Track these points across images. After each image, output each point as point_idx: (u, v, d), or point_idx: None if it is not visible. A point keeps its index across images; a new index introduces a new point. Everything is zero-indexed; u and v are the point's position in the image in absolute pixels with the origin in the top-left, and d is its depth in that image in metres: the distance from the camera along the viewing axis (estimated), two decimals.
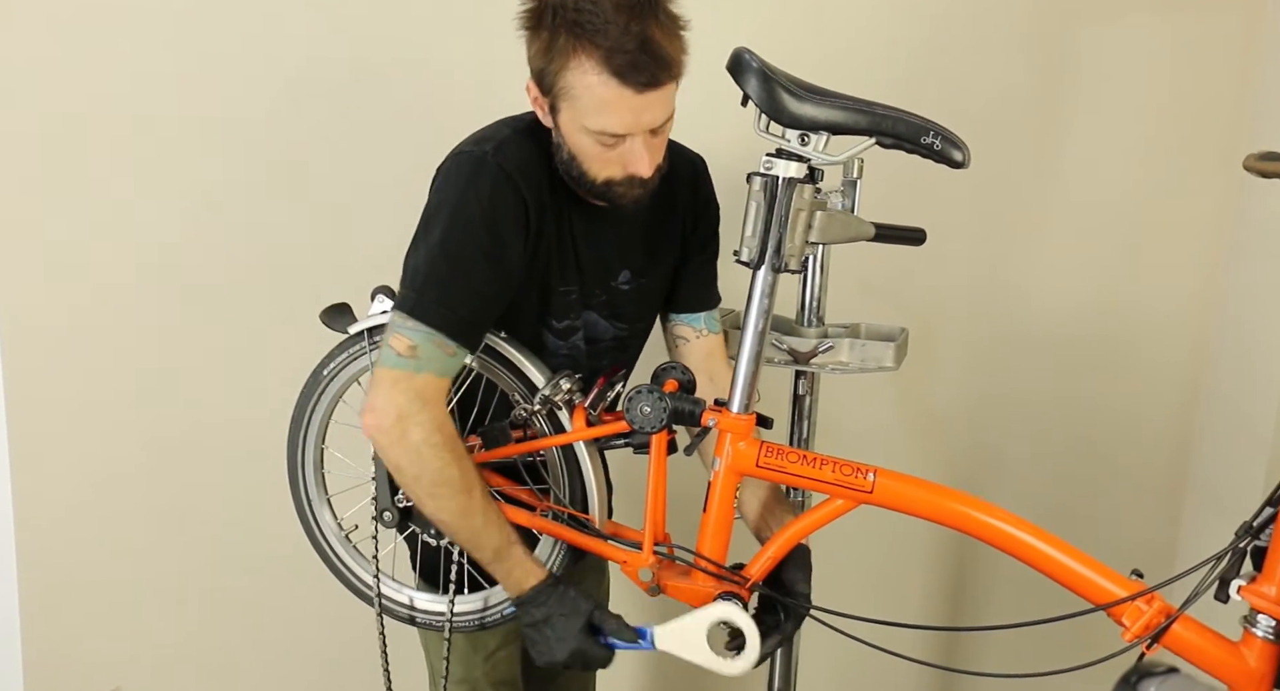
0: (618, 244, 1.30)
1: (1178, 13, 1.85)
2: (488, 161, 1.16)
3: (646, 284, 1.34)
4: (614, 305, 1.32)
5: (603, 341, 1.33)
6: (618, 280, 1.32)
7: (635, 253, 1.32)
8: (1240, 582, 1.00)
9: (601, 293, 1.31)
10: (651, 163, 1.17)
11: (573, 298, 1.28)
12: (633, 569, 1.17)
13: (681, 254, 1.37)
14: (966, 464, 2.06)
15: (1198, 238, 1.94)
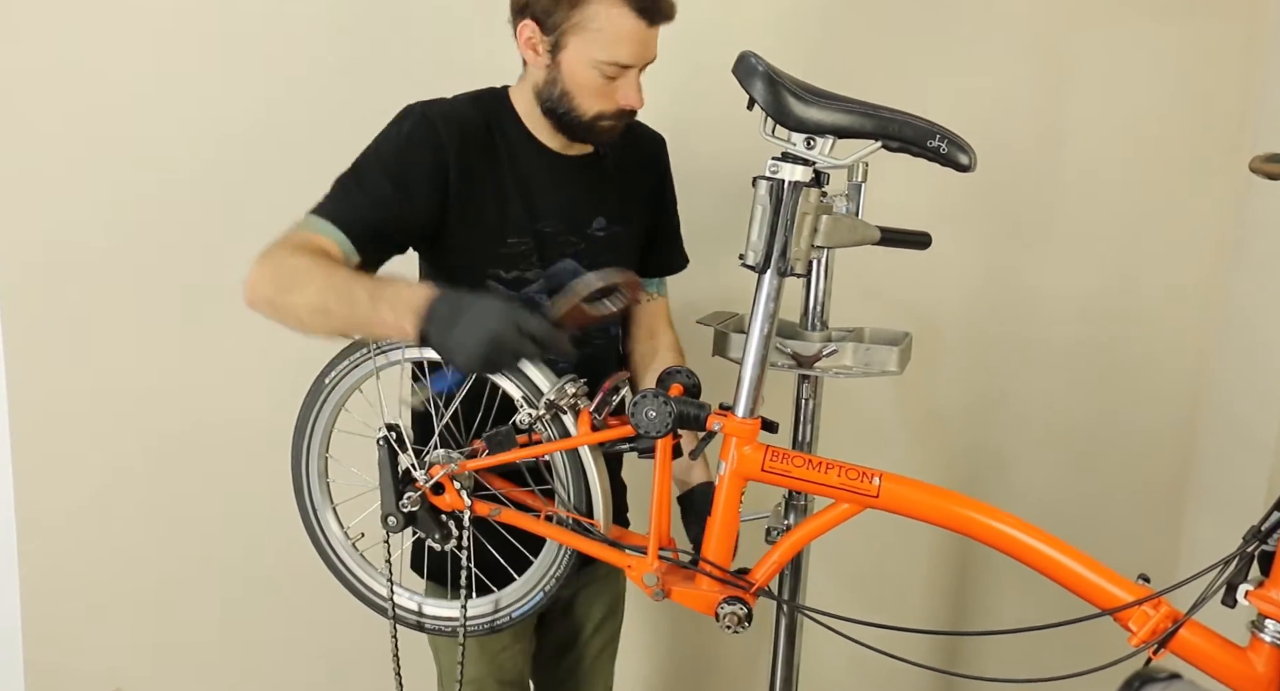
0: (587, 190, 1.39)
1: (1180, 16, 1.85)
2: (414, 109, 1.30)
3: (622, 232, 1.43)
4: (593, 253, 1.39)
5: None
6: (592, 227, 1.39)
7: (608, 200, 1.41)
8: (1248, 587, 1.00)
9: (579, 240, 1.38)
10: (641, 97, 1.29)
11: (523, 249, 1.33)
12: (638, 573, 1.17)
13: (651, 214, 1.49)
14: (970, 467, 2.05)
15: (1201, 241, 1.94)
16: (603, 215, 1.41)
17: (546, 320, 1.11)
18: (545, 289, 1.36)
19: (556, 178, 1.37)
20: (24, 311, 1.83)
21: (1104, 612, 1.05)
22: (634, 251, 1.47)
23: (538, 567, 1.26)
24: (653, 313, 1.54)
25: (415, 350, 1.22)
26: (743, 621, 1.14)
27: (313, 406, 1.28)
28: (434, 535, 1.24)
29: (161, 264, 1.83)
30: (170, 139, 1.79)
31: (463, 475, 1.23)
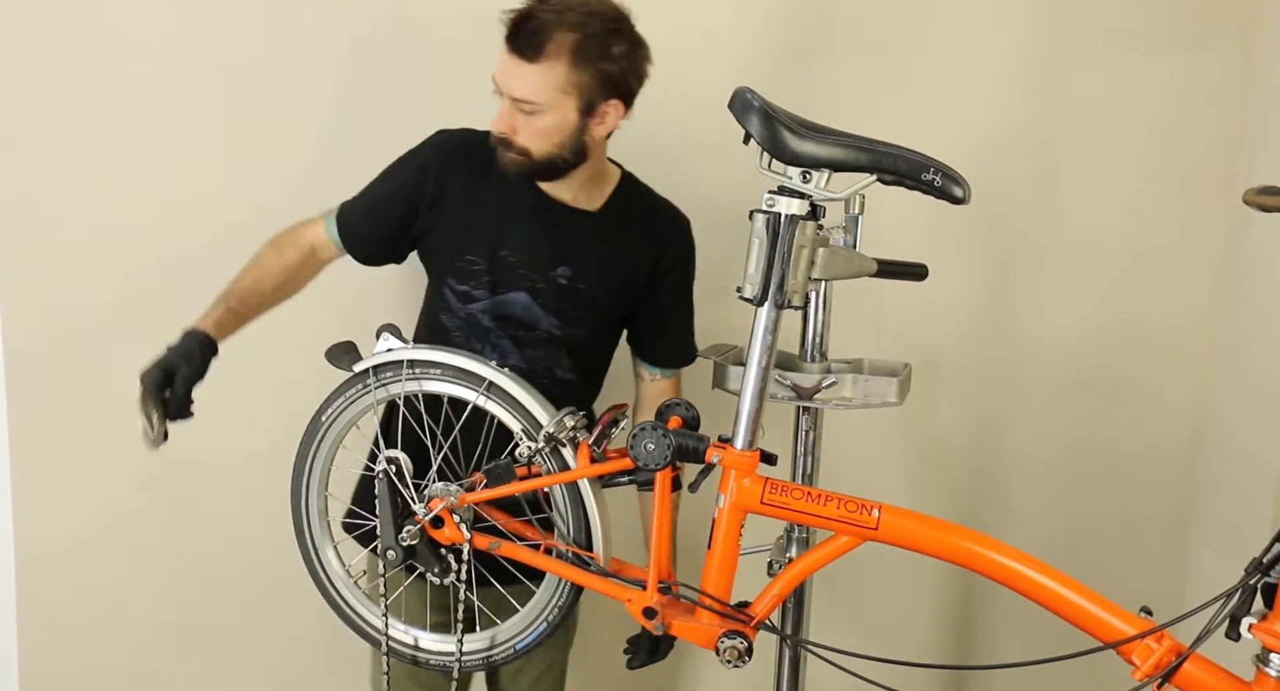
0: (562, 237, 1.42)
1: (1173, 49, 1.87)
2: (440, 132, 1.46)
3: (587, 289, 1.43)
4: (551, 296, 1.42)
5: (535, 329, 1.43)
6: (555, 272, 1.42)
7: (579, 254, 1.43)
8: (1251, 620, 0.99)
9: (539, 279, 1.42)
10: (504, 126, 1.34)
11: (477, 268, 1.41)
12: (637, 607, 1.16)
13: (645, 291, 1.48)
14: (970, 499, 2.05)
15: (1199, 271, 1.94)
16: (570, 265, 1.43)
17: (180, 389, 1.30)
18: (490, 312, 1.42)
19: (536, 215, 1.42)
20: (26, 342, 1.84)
21: (1107, 646, 1.04)
22: (600, 311, 1.46)
23: (539, 599, 1.26)
24: (654, 394, 1.53)
25: (414, 383, 1.23)
26: (743, 655, 1.14)
27: (310, 445, 1.29)
28: (433, 569, 1.24)
29: (164, 293, 1.84)
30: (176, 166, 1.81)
31: (462, 508, 1.22)
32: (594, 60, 1.30)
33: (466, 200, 1.41)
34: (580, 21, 1.29)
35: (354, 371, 1.25)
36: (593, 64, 1.30)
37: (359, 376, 1.25)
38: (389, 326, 1.26)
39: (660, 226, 1.50)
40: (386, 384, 1.23)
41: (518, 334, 1.42)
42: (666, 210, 1.51)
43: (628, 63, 1.33)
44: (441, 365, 1.22)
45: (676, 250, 1.50)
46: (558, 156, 1.35)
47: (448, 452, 1.24)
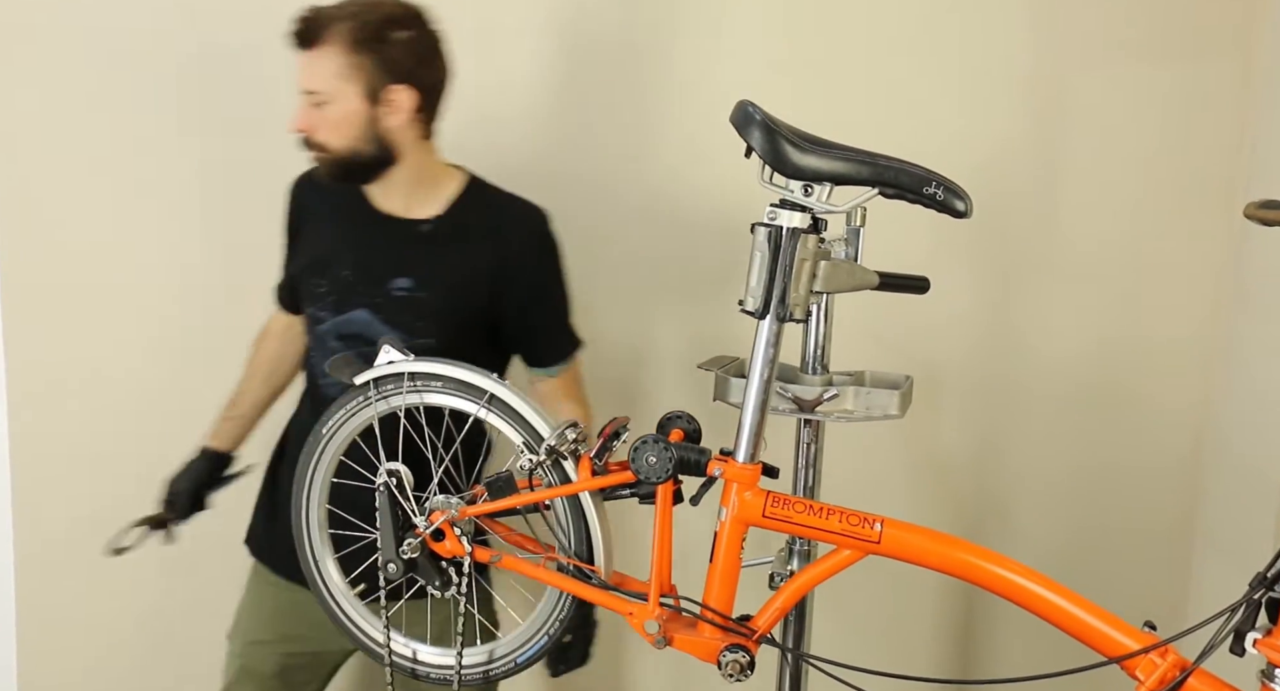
0: (395, 250, 1.44)
1: (1173, 60, 1.88)
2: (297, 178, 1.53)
3: (428, 298, 1.43)
4: (392, 310, 1.43)
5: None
6: (390, 285, 1.43)
7: (416, 263, 1.44)
8: (1256, 635, 0.98)
9: (376, 294, 1.43)
10: (302, 124, 1.38)
11: (321, 291, 1.45)
12: (639, 621, 1.16)
13: (495, 294, 1.46)
14: (973, 512, 2.04)
15: (1200, 283, 1.94)
16: (408, 276, 1.44)
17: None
18: (335, 332, 1.45)
19: (368, 232, 1.46)
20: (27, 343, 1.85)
21: (1111, 661, 1.04)
22: (443, 318, 1.44)
23: (539, 613, 1.25)
24: (544, 395, 1.54)
25: (415, 396, 1.23)
26: (745, 669, 1.13)
27: (311, 458, 1.28)
28: (434, 582, 1.23)
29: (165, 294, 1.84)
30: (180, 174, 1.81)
31: (463, 521, 1.22)
32: (371, 44, 1.34)
33: (313, 228, 1.51)
34: (358, 11, 1.35)
35: (355, 384, 1.25)
36: (370, 48, 1.34)
37: (360, 389, 1.25)
38: (390, 339, 1.26)
39: (503, 226, 1.47)
40: (387, 396, 1.23)
41: (365, 351, 1.40)
42: (512, 209, 1.50)
43: (411, 48, 1.37)
44: (443, 378, 1.22)
45: (522, 246, 1.48)
46: (357, 150, 1.38)
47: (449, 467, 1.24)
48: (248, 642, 1.58)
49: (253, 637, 1.58)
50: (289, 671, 1.58)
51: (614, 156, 1.91)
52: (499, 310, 1.48)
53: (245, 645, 1.58)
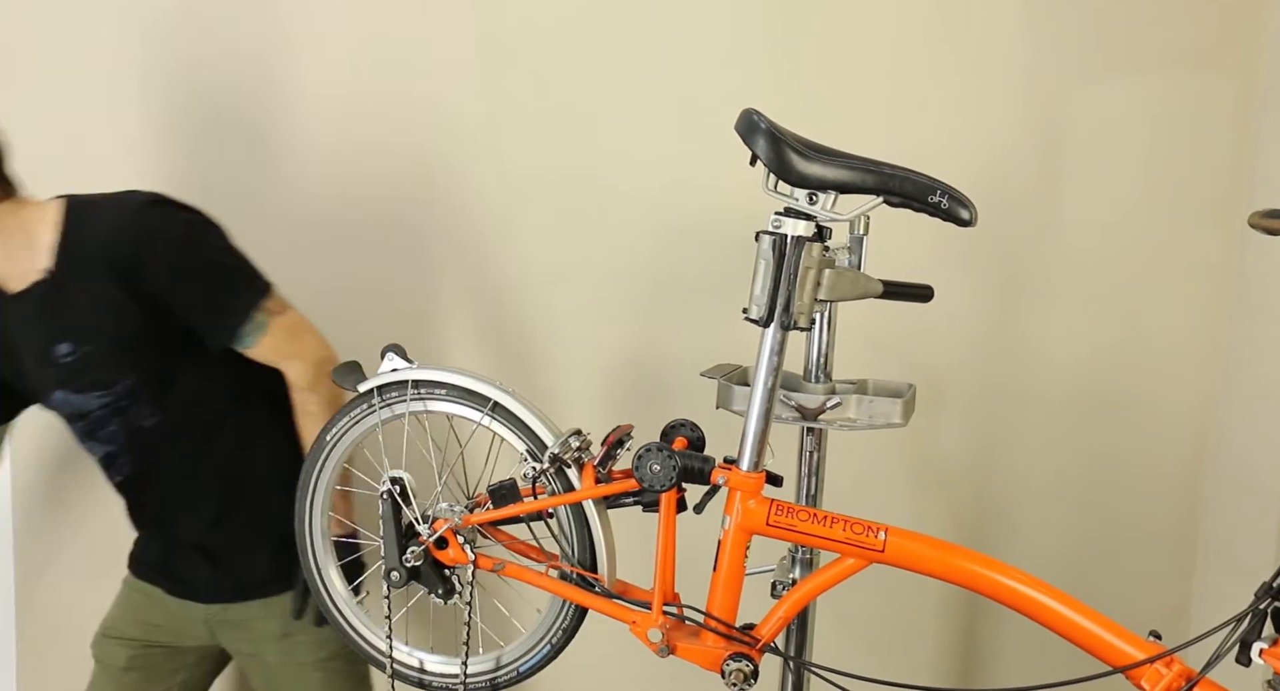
0: (34, 322, 1.36)
1: (1174, 68, 1.88)
2: None
3: (93, 350, 1.36)
4: (71, 378, 1.37)
5: (90, 412, 1.40)
6: (55, 355, 1.36)
7: (64, 324, 1.35)
8: (1262, 645, 0.98)
9: (53, 370, 1.37)
10: None
11: (20, 390, 1.43)
12: (642, 629, 1.16)
13: (146, 304, 1.34)
14: (976, 520, 2.04)
15: (1202, 292, 1.94)
16: (65, 339, 1.36)
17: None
18: (61, 417, 1.44)
19: (10, 320, 1.39)
20: None
21: (1115, 670, 1.03)
22: (123, 358, 1.37)
23: (543, 621, 1.25)
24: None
25: (419, 403, 1.23)
26: (748, 678, 1.13)
27: (314, 465, 1.28)
28: (437, 590, 1.23)
29: None
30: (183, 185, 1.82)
31: (466, 529, 1.22)
32: None
33: None
34: None
35: (359, 391, 1.25)
36: None
37: (364, 396, 1.25)
38: (393, 346, 1.26)
39: (102, 239, 1.33)
40: (391, 404, 1.23)
41: (85, 426, 1.42)
42: (104, 217, 1.35)
43: None
44: (446, 385, 1.22)
45: (129, 245, 1.33)
46: None
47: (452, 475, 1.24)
48: (101, 636, 1.61)
49: (105, 631, 1.62)
50: (143, 664, 1.59)
51: (618, 164, 1.91)
52: (166, 316, 1.35)
53: (99, 638, 1.61)
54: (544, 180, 1.92)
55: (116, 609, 1.64)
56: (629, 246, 1.92)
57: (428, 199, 1.92)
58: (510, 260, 1.94)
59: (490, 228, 1.93)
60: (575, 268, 1.93)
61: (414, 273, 1.87)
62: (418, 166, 1.90)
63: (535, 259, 1.93)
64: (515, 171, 1.92)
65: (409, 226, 1.86)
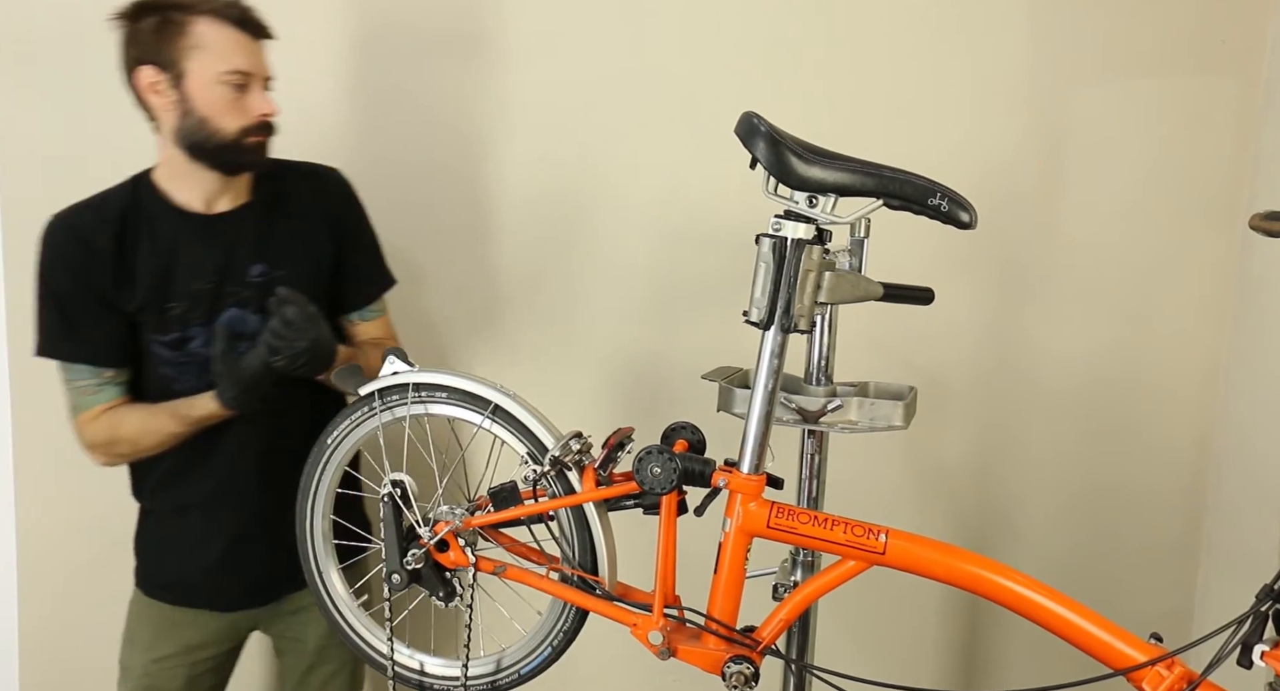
0: (237, 243, 1.46)
1: (1176, 73, 1.88)
2: (52, 229, 1.43)
3: (286, 275, 1.47)
4: (259, 298, 1.45)
5: (253, 337, 1.43)
6: (250, 275, 1.46)
7: (265, 247, 1.48)
8: (1263, 647, 0.98)
9: (240, 289, 1.46)
10: (274, 106, 1.41)
11: (177, 312, 1.44)
12: (643, 632, 1.16)
13: (331, 252, 1.54)
14: (977, 522, 2.04)
15: (1205, 296, 1.95)
16: (261, 261, 1.47)
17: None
18: (207, 341, 1.44)
19: (201, 237, 1.45)
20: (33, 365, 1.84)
21: (1117, 672, 1.03)
22: (308, 289, 1.44)
23: (544, 623, 1.25)
24: (366, 339, 1.60)
25: (420, 406, 1.23)
26: (749, 681, 1.13)
27: (316, 468, 1.28)
28: (438, 593, 1.23)
29: None
30: None
31: (467, 532, 1.22)
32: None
33: (140, 257, 1.43)
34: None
35: (360, 394, 1.25)
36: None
37: (365, 399, 1.25)
38: (395, 350, 1.26)
39: (310, 186, 1.55)
40: (392, 407, 1.23)
41: (245, 349, 1.43)
42: (311, 169, 1.57)
43: None
44: (447, 388, 1.22)
45: (339, 201, 1.57)
46: None
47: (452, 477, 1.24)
48: (151, 661, 1.56)
49: (156, 655, 1.56)
50: (196, 681, 1.59)
51: (619, 167, 1.91)
52: (337, 268, 1.55)
53: (148, 664, 1.56)
54: (545, 183, 1.92)
55: (148, 634, 1.58)
56: (630, 249, 1.92)
57: (428, 202, 1.92)
58: (511, 263, 1.95)
59: (491, 231, 1.93)
60: (576, 271, 1.94)
61: (416, 275, 1.87)
62: (420, 170, 1.91)
63: (536, 262, 1.94)
64: (516, 174, 1.92)
65: (409, 230, 1.86)
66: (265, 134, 1.43)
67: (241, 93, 1.39)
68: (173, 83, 1.38)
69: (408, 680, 1.30)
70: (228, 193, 1.47)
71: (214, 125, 1.38)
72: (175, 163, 1.43)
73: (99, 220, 1.43)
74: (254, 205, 1.49)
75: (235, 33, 1.37)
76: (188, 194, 1.45)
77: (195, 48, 1.36)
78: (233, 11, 1.38)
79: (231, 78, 1.37)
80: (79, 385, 1.44)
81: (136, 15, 1.37)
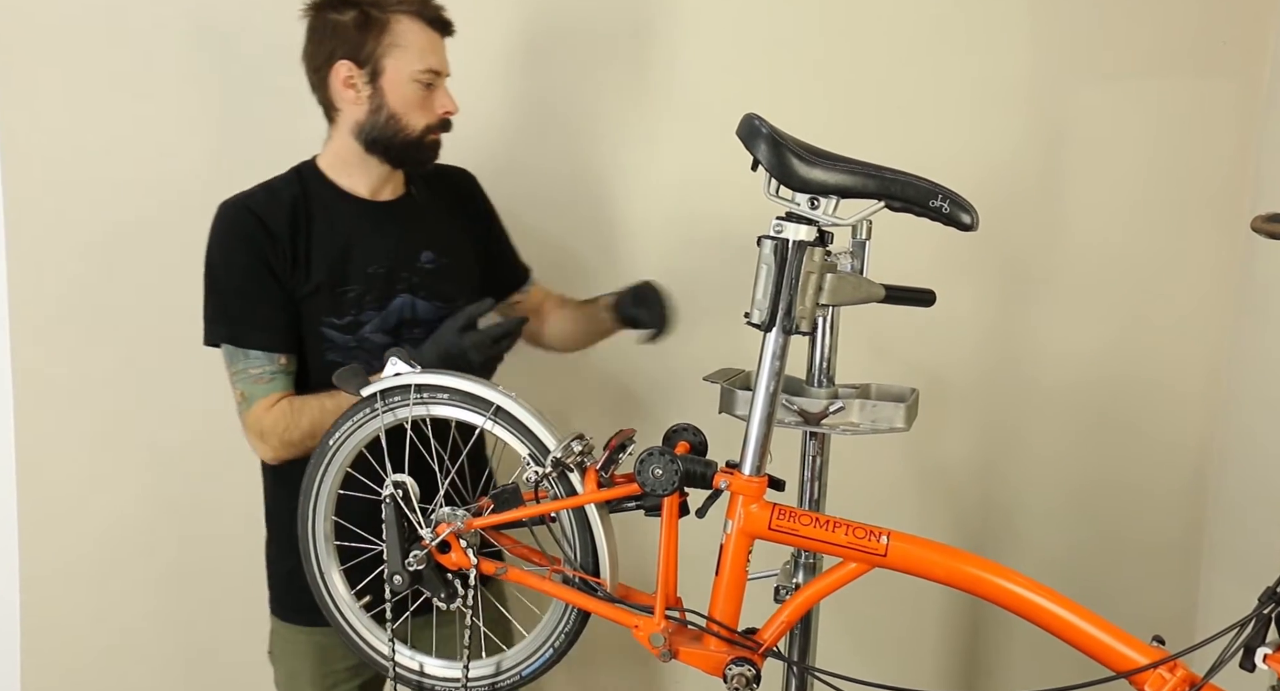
0: (408, 229, 1.50)
1: (1178, 74, 1.89)
2: (225, 210, 1.44)
3: (451, 262, 1.52)
4: (427, 284, 1.49)
5: (424, 322, 1.48)
6: (421, 260, 1.50)
7: (432, 234, 1.52)
8: (1266, 651, 0.98)
9: (410, 274, 1.48)
10: (454, 104, 1.45)
11: (352, 295, 1.44)
12: (644, 633, 1.16)
13: (481, 242, 1.62)
14: (979, 524, 2.04)
15: (1206, 297, 1.94)
16: (429, 249, 1.51)
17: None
18: (380, 326, 1.47)
19: (374, 223, 1.49)
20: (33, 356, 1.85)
21: (1119, 675, 1.03)
22: (469, 277, 1.55)
23: (545, 625, 1.25)
24: (536, 302, 1.70)
25: (422, 407, 1.23)
26: (751, 683, 1.13)
27: (317, 469, 1.28)
28: (439, 594, 1.23)
29: (174, 315, 1.85)
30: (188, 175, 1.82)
31: (469, 533, 1.22)
32: None
33: (314, 241, 1.44)
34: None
35: (362, 395, 1.25)
36: None
37: (367, 401, 1.25)
38: (397, 350, 1.26)
39: (457, 183, 1.62)
40: (394, 408, 1.23)
41: (413, 334, 1.46)
42: (450, 168, 1.61)
43: None
44: (449, 390, 1.22)
45: (480, 193, 1.65)
46: None
47: (454, 476, 1.24)
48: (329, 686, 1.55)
49: (329, 682, 1.55)
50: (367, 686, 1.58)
51: (621, 169, 1.92)
52: (485, 254, 1.61)
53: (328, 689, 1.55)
54: (548, 184, 1.93)
55: (309, 664, 1.54)
56: (631, 250, 1.92)
57: None
58: None
59: None
60: (578, 272, 1.94)
61: None
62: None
63: (538, 263, 1.94)
64: (519, 177, 1.92)
65: None
66: (444, 131, 1.46)
67: (429, 91, 1.43)
68: (368, 78, 1.41)
69: (408, 681, 1.30)
70: (390, 183, 1.51)
71: (403, 122, 1.42)
72: (347, 153, 1.46)
73: (274, 203, 1.44)
74: (412, 196, 1.54)
75: (430, 32, 1.41)
76: (355, 182, 1.48)
77: (395, 46, 1.39)
78: (428, 10, 1.42)
79: (425, 76, 1.41)
80: (253, 374, 1.42)
81: (336, 6, 1.39)
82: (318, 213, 1.46)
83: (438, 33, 1.43)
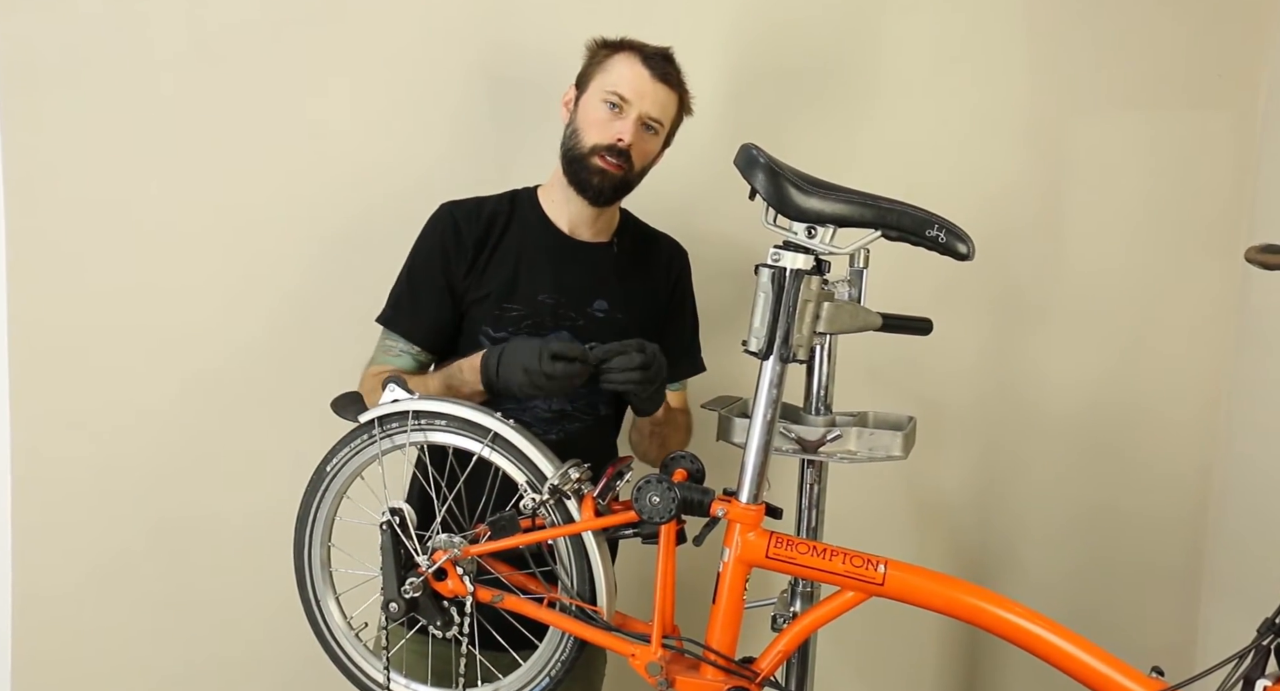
0: (592, 273, 1.51)
1: (1174, 106, 1.90)
2: (441, 209, 1.51)
3: (623, 318, 1.52)
4: (590, 331, 1.49)
5: None
6: (592, 307, 1.50)
7: (613, 286, 1.52)
8: (1265, 682, 0.97)
9: (578, 316, 1.49)
10: (630, 135, 1.44)
11: (514, 314, 1.47)
12: (641, 662, 1.15)
13: (663, 315, 1.59)
14: (976, 553, 2.03)
15: (1204, 326, 1.95)
16: (604, 298, 1.51)
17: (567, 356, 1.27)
18: None
19: (564, 257, 1.51)
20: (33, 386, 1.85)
21: None
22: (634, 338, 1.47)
23: (542, 653, 1.25)
24: (674, 399, 1.61)
25: (420, 434, 1.23)
26: None
27: (314, 495, 1.28)
28: (435, 621, 1.22)
29: (169, 345, 1.85)
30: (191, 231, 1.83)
31: (465, 560, 1.22)
32: (683, 102, 1.53)
33: (497, 255, 1.49)
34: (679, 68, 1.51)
35: (359, 422, 1.25)
36: (682, 105, 1.53)
37: (364, 427, 1.25)
38: (395, 378, 1.26)
39: (666, 252, 1.62)
40: (391, 435, 1.23)
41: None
42: (665, 238, 1.64)
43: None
44: (447, 416, 1.23)
45: (680, 271, 1.63)
46: (637, 178, 1.50)
47: (451, 504, 1.23)
48: None
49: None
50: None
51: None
52: (665, 330, 1.57)
53: None
54: None
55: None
56: None
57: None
58: None
59: None
60: None
61: None
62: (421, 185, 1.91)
63: None
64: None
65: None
66: (614, 158, 1.45)
67: (614, 114, 1.45)
68: (576, 97, 1.49)
69: None
70: (593, 226, 1.53)
71: (580, 136, 1.46)
72: (555, 179, 1.52)
73: (475, 215, 1.51)
74: (611, 246, 1.55)
75: (637, 66, 1.45)
76: (558, 214, 1.52)
77: (602, 72, 1.47)
78: (648, 50, 1.47)
79: (610, 97, 1.44)
80: (386, 344, 1.50)
81: (596, 48, 1.51)
82: (513, 230, 1.51)
83: (650, 72, 1.45)
